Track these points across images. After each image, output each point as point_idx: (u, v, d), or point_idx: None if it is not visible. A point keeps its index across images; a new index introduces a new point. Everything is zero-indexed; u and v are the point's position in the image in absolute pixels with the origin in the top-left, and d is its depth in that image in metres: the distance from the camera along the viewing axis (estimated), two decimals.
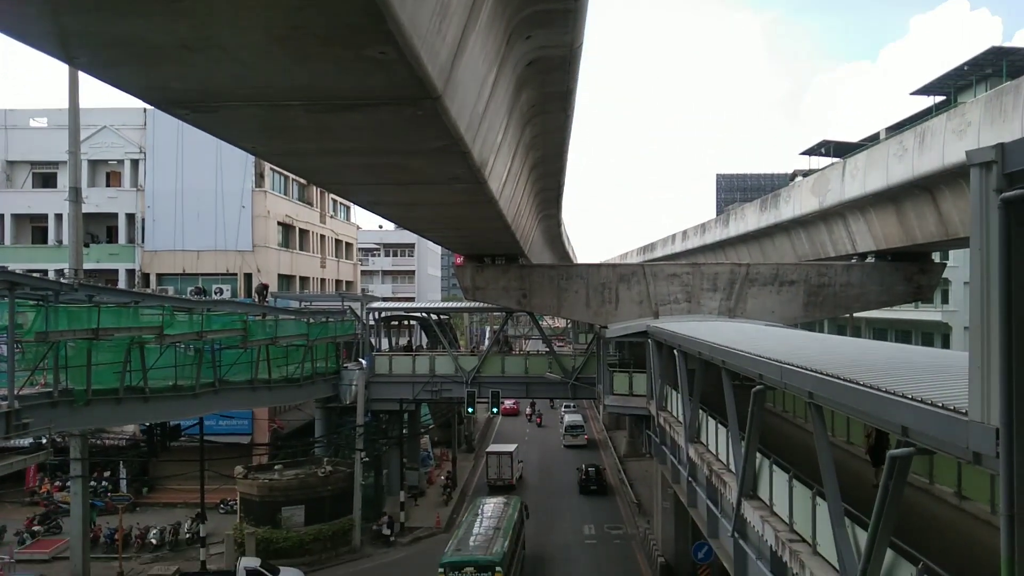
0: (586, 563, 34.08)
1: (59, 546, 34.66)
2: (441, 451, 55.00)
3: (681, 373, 23.84)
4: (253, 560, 30.58)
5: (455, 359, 41.77)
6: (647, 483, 43.13)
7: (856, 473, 17.62)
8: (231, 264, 47.40)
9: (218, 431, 40.49)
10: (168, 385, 28.79)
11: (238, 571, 29.90)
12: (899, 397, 9.32)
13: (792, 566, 13.90)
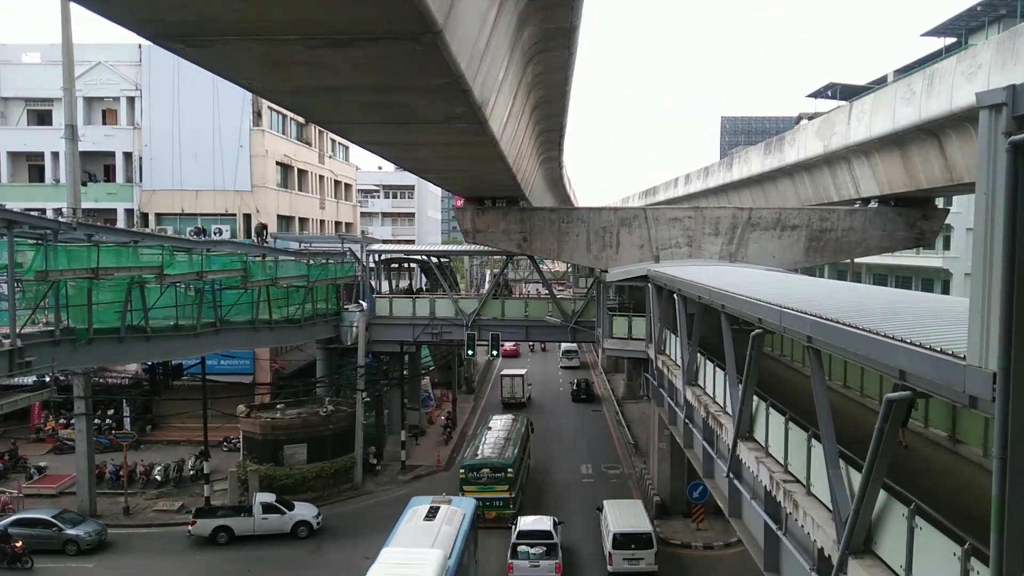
0: (583, 493, 34.76)
1: (65, 481, 35.33)
2: (441, 392, 55.64)
3: (680, 317, 23.91)
4: (268, 495, 31.35)
5: (455, 302, 41.89)
6: (644, 425, 43.77)
7: (851, 416, 17.81)
8: (230, 204, 47.11)
9: (220, 370, 40.84)
10: (169, 325, 28.95)
11: (254, 506, 30.63)
12: (897, 341, 9.34)
13: (786, 505, 14.15)
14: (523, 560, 25.49)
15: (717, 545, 29.71)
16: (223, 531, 30.00)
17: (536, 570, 25.47)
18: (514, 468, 31.36)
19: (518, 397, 53.28)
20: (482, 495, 30.06)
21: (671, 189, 63.76)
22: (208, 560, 28.27)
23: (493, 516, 30.41)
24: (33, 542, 28.69)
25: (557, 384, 63.18)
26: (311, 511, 31.38)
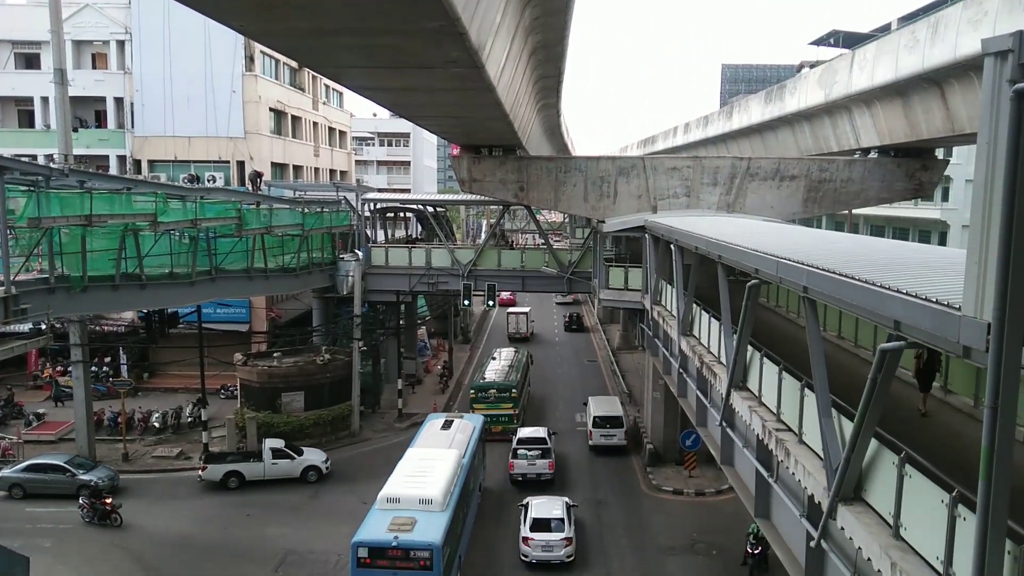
0: (578, 442, 35.24)
1: (64, 428, 35.64)
2: (438, 342, 55.88)
3: (677, 268, 23.89)
4: (277, 441, 31.79)
5: (451, 252, 41.77)
6: (639, 375, 44.14)
7: (844, 367, 17.94)
8: (223, 151, 46.59)
9: (216, 319, 40.93)
10: (164, 273, 28.88)
11: (264, 451, 31.04)
12: (893, 292, 9.33)
13: (777, 453, 14.33)
14: (522, 460, 30.40)
15: (708, 492, 30.21)
16: (234, 476, 30.49)
17: (532, 467, 30.31)
18: (517, 390, 36.87)
19: (523, 332, 59.79)
20: (489, 412, 34.98)
21: (670, 138, 63.16)
22: (212, 504, 28.71)
23: (499, 430, 34.85)
24: (47, 487, 29.11)
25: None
26: (320, 456, 31.91)
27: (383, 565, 19.61)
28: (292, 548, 25.45)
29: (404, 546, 19.56)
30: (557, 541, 23.83)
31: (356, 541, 20.00)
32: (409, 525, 20.25)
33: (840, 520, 11.37)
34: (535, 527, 24.18)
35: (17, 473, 29.32)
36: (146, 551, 25.23)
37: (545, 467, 30.29)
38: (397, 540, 19.64)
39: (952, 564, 8.62)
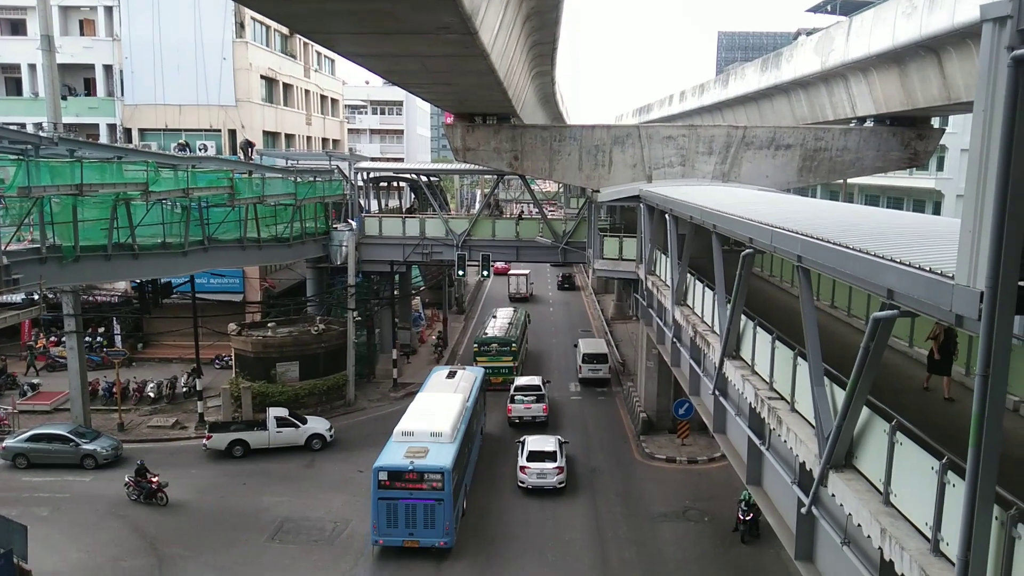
0: (572, 410, 35.48)
1: (59, 398, 35.67)
2: (432, 312, 55.93)
3: (671, 237, 23.85)
4: (281, 410, 32.05)
5: (445, 222, 41.63)
6: (632, 344, 44.33)
7: (837, 336, 18.01)
8: (214, 119, 46.13)
9: (210, 289, 40.84)
10: (157, 243, 28.75)
11: (268, 419, 31.25)
12: (887, 261, 9.32)
13: (770, 422, 14.43)
14: (519, 404, 33.90)
15: (701, 460, 30.51)
16: (239, 444, 30.70)
17: (528, 411, 33.84)
18: (516, 344, 40.26)
19: (523, 292, 64.80)
20: (491, 364, 38.46)
21: (665, 106, 62.75)
22: (209, 474, 28.85)
23: (499, 381, 37.97)
24: (51, 457, 29.22)
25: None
26: (323, 424, 32.19)
27: (401, 487, 22.47)
28: (288, 516, 25.67)
29: (419, 470, 22.53)
30: (550, 469, 27.05)
31: (377, 466, 22.74)
32: (423, 453, 23.21)
33: (831, 487, 11.49)
34: (531, 458, 27.42)
35: (21, 443, 29.40)
36: (143, 519, 25.41)
37: (540, 410, 33.95)
38: (413, 465, 22.62)
39: (941, 529, 8.73)
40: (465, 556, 23.02)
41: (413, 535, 22.57)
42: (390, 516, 22.51)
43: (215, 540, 24.15)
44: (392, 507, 22.48)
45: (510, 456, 29.74)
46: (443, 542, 22.65)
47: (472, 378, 30.95)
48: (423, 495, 22.45)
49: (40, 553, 21.85)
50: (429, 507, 22.47)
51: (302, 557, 23.15)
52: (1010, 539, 7.54)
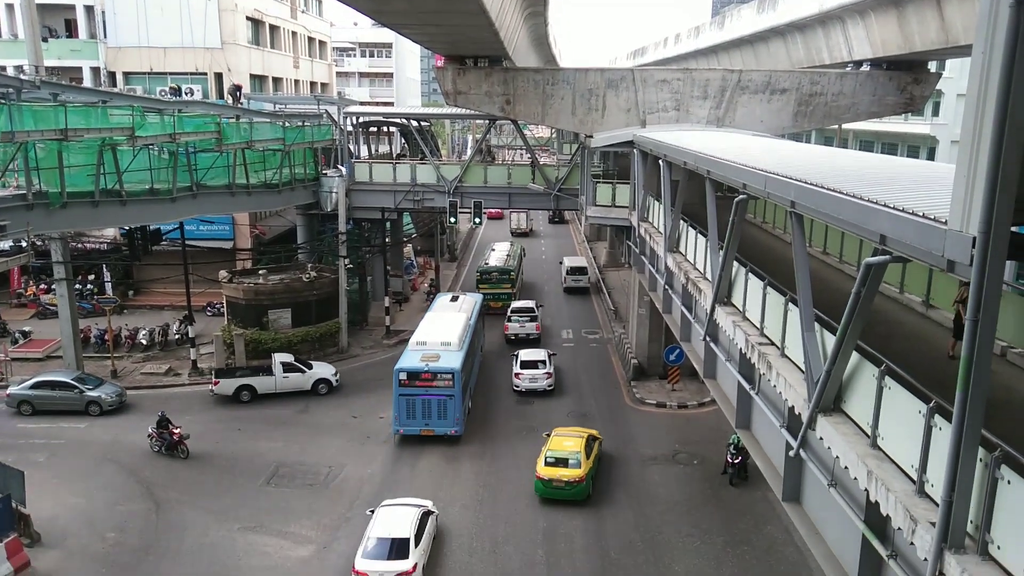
0: (564, 357, 35.77)
1: (51, 346, 35.67)
2: (424, 260, 55.82)
3: (665, 183, 23.70)
4: (286, 356, 32.33)
5: (437, 168, 41.21)
6: (624, 292, 44.46)
7: (828, 282, 18.07)
8: (200, 63, 45.16)
9: (199, 236, 40.56)
10: (144, 189, 28.39)
11: (274, 365, 31.51)
12: (880, 206, 9.27)
13: (760, 367, 14.56)
14: (515, 324, 38.64)
15: (691, 404, 30.89)
16: (246, 390, 30.98)
17: (523, 328, 38.55)
18: (514, 272, 45.20)
19: (523, 228, 72.25)
20: (492, 291, 43.01)
21: (660, 49, 61.77)
22: (203, 420, 29.01)
23: (499, 305, 42.14)
24: (56, 403, 29.36)
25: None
26: (329, 370, 32.55)
27: (418, 385, 26.71)
28: (283, 461, 25.97)
29: (432, 371, 26.85)
30: (540, 375, 31.69)
31: (398, 368, 27.14)
32: (435, 358, 27.47)
33: (819, 430, 11.65)
34: (524, 367, 32.02)
35: (25, 390, 29.49)
36: (139, 465, 25.68)
37: (532, 328, 38.65)
38: (427, 367, 26.98)
39: (926, 471, 8.88)
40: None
41: (428, 425, 26.93)
42: (409, 410, 26.86)
43: (211, 485, 24.46)
44: (411, 402, 26.80)
45: (507, 369, 33.70)
46: (454, 431, 27.02)
47: (473, 301, 35.15)
48: (436, 392, 26.71)
49: (38, 498, 22.12)
50: (441, 402, 26.77)
51: (298, 501, 23.50)
52: (993, 480, 7.67)
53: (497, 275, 44.60)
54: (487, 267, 45.36)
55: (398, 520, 19.57)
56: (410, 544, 18.76)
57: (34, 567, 19.86)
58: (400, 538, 18.86)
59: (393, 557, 18.49)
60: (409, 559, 18.46)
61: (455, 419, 26.93)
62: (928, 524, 8.38)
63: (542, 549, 20.93)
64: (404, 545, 18.71)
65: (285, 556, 20.64)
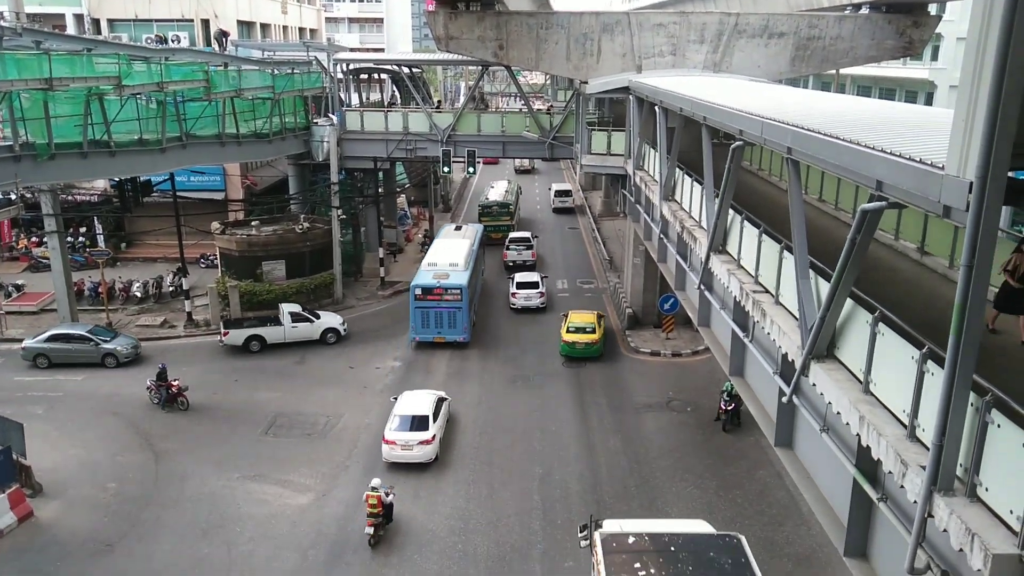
0: (560, 304, 35.91)
1: (45, 299, 35.57)
2: (418, 210, 55.48)
3: (661, 130, 23.43)
4: (294, 306, 32.66)
5: (429, 116, 40.64)
6: (620, 241, 44.37)
7: (824, 229, 18.02)
8: (186, 8, 44.16)
9: (190, 187, 40.14)
10: (133, 139, 28.01)
11: (282, 315, 31.75)
12: (877, 151, 9.18)
13: (754, 314, 14.60)
14: (513, 252, 42.96)
15: (685, 353, 31.11)
16: (255, 340, 31.20)
17: (519, 256, 42.72)
18: (513, 206, 49.89)
19: (527, 166, 76.68)
20: (492, 223, 47.34)
21: None
22: (199, 371, 29.09)
23: (499, 236, 45.82)
24: (72, 356, 29.44)
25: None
26: (337, 319, 32.90)
27: (431, 299, 30.92)
28: (281, 411, 26.19)
29: (443, 286, 30.98)
30: (534, 294, 36.25)
31: (414, 284, 31.39)
32: (445, 276, 31.65)
33: (812, 377, 11.73)
34: (520, 287, 36.52)
35: (40, 343, 29.50)
36: (138, 417, 25.86)
37: (529, 256, 43.03)
38: (439, 283, 31.08)
39: (917, 416, 8.97)
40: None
41: (440, 333, 31.50)
42: (424, 320, 31.28)
43: (209, 435, 24.68)
44: (425, 314, 31.16)
45: (504, 290, 38.43)
46: (462, 338, 31.61)
47: (475, 230, 39.64)
48: (447, 305, 31.01)
49: (38, 450, 22.32)
50: (451, 313, 31.12)
51: (296, 450, 23.77)
52: (983, 424, 7.75)
53: (497, 209, 49.04)
54: (488, 202, 49.95)
55: (418, 402, 23.61)
56: (429, 419, 22.77)
57: (37, 517, 20.16)
58: (420, 415, 22.86)
59: (415, 429, 22.50)
60: (429, 431, 22.51)
61: (463, 328, 31.43)
62: (919, 468, 8.49)
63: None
64: (424, 420, 22.71)
65: (285, 504, 20.95)
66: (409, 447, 22.25)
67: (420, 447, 22.27)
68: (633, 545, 13.36)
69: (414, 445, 22.25)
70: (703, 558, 13.07)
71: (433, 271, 32.17)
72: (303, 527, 19.86)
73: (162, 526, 19.96)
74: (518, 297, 36.28)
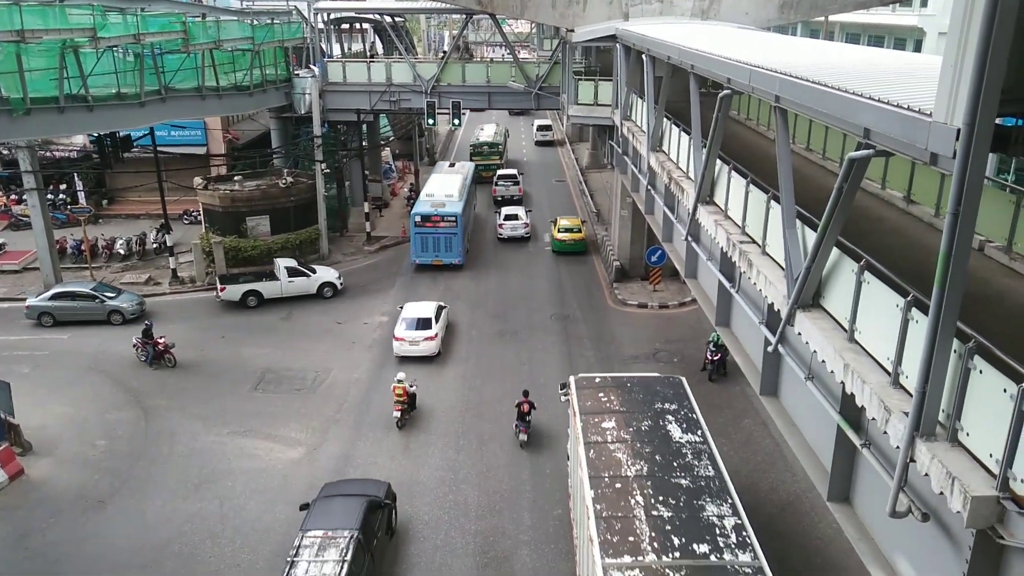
0: (547, 263, 35.91)
1: (27, 257, 35.17)
2: (403, 164, 54.92)
3: (648, 80, 23.14)
4: (289, 260, 32.60)
5: (413, 67, 39.98)
6: (607, 194, 44.17)
7: (811, 179, 17.98)
8: None
9: (171, 142, 39.54)
10: (111, 93, 27.44)
11: (278, 270, 31.69)
12: (864, 99, 9.09)
13: (740, 265, 14.62)
14: (501, 188, 46.48)
15: (671, 304, 31.25)
16: (252, 295, 31.09)
17: (507, 191, 46.37)
18: (501, 146, 53.97)
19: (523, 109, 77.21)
20: (483, 162, 50.22)
21: None
22: (185, 328, 29.01)
23: (490, 175, 48.60)
24: (78, 314, 29.23)
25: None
26: (333, 273, 32.85)
27: (429, 225, 34.43)
28: (269, 367, 26.21)
29: (440, 214, 34.38)
30: (519, 225, 39.67)
31: (414, 212, 34.94)
32: (442, 205, 35.10)
33: (798, 326, 11.81)
34: (506, 219, 39.99)
35: (44, 301, 29.25)
36: (124, 374, 25.82)
37: (516, 191, 46.55)
38: (436, 211, 34.51)
39: (901, 364, 9.05)
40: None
41: (438, 256, 35.05)
42: (423, 245, 34.83)
43: (198, 392, 24.72)
44: (424, 239, 34.70)
45: (493, 223, 41.60)
46: (457, 260, 35.17)
47: (468, 167, 43.16)
48: (443, 231, 34.51)
49: (25, 409, 22.28)
50: (447, 238, 34.60)
51: (286, 406, 23.86)
52: (966, 371, 7.83)
53: (487, 148, 52.58)
54: (479, 142, 53.61)
55: (422, 308, 27.70)
56: (432, 321, 26.73)
57: (28, 475, 20.24)
58: (424, 317, 26.83)
59: (420, 329, 26.42)
60: (432, 329, 26.51)
61: (458, 251, 35.04)
62: (901, 414, 8.60)
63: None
64: (427, 322, 26.68)
65: (276, 458, 21.11)
66: (416, 343, 26.22)
67: (425, 343, 26.31)
68: (598, 383, 17.53)
69: (420, 341, 26.24)
70: (651, 390, 17.09)
71: (431, 201, 35.47)
72: (294, 481, 20.03)
73: (153, 482, 20.09)
74: (505, 228, 39.66)
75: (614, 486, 13.58)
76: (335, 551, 14.85)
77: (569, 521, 17.77)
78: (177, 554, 17.44)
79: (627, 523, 12.60)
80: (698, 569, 11.55)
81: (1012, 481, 7.25)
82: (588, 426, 15.53)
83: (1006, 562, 8.26)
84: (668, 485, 13.59)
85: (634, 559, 11.76)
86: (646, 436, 15.14)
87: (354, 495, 16.72)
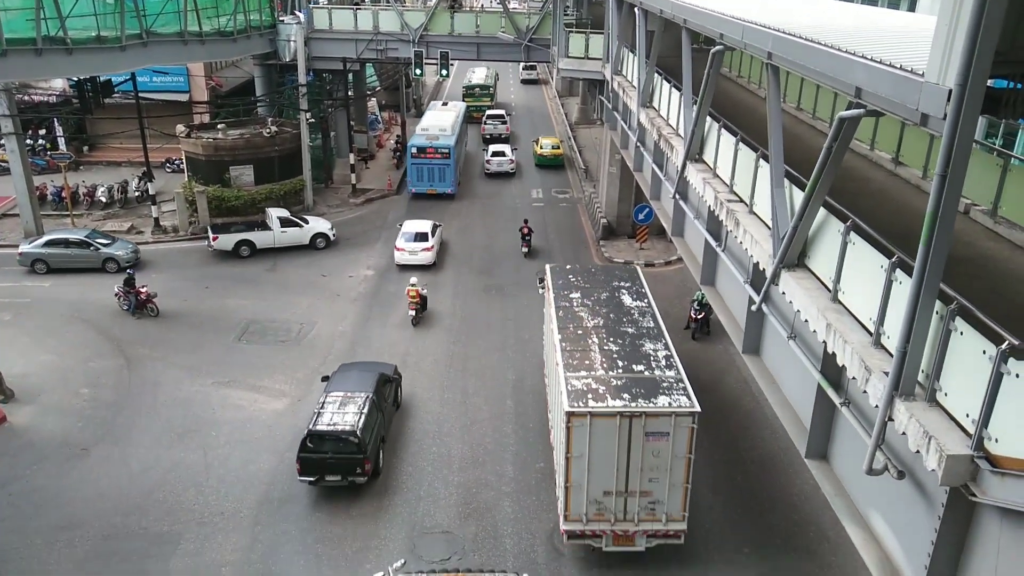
0: (535, 214, 35.80)
1: (6, 203, 34.63)
2: (389, 115, 54.21)
3: (640, 34, 22.82)
4: (282, 211, 32.49)
5: (400, 15, 39.20)
6: (596, 151, 43.91)
7: (801, 138, 17.91)
8: None
9: (153, 88, 38.74)
10: (91, 36, 26.65)
11: (271, 220, 31.57)
12: (857, 57, 9.00)
13: (727, 224, 14.62)
14: (489, 126, 49.38)
15: (658, 263, 31.32)
16: (245, 245, 31.00)
17: (495, 130, 49.35)
18: (492, 88, 58.50)
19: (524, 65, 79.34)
20: (475, 104, 53.76)
21: None
22: (167, 278, 28.83)
23: (480, 116, 51.12)
24: (72, 261, 28.94)
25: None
26: (326, 224, 32.81)
27: (424, 157, 37.35)
28: (253, 318, 26.14)
29: (435, 146, 37.30)
30: (505, 160, 42.87)
31: (411, 144, 38.04)
32: (436, 138, 37.76)
33: (782, 285, 11.86)
34: (494, 155, 43.09)
35: (38, 248, 28.88)
36: (107, 323, 25.67)
37: (504, 130, 49.66)
38: (431, 143, 37.37)
39: (883, 324, 9.13)
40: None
41: (432, 185, 38.08)
42: (419, 174, 37.81)
43: (181, 342, 24.64)
44: (420, 169, 37.64)
45: (481, 160, 44.50)
46: (450, 190, 38.30)
47: (460, 106, 45.95)
48: (438, 162, 37.38)
49: (7, 356, 22.19)
50: (441, 168, 37.52)
51: (270, 357, 23.85)
52: (947, 332, 7.91)
53: (479, 90, 56.17)
54: (471, 83, 57.16)
55: (419, 224, 31.18)
56: (428, 234, 30.60)
57: (10, 422, 20.21)
58: (421, 231, 30.70)
59: (418, 241, 30.25)
60: (428, 242, 30.33)
61: (452, 182, 37.94)
62: (881, 374, 8.71)
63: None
64: (424, 235, 30.55)
65: (260, 409, 21.17)
66: (415, 253, 29.98)
67: (423, 253, 30.10)
68: (568, 269, 21.63)
69: (418, 251, 30.02)
70: (610, 273, 21.21)
71: (426, 134, 37.84)
72: (279, 431, 20.13)
73: (137, 430, 20.13)
74: (492, 163, 42.77)
75: (576, 332, 17.43)
76: (354, 406, 18.11)
77: (552, 473, 18.03)
78: (161, 502, 17.55)
79: (584, 354, 16.41)
80: (633, 379, 15.35)
81: (987, 440, 7.39)
82: (559, 296, 19.34)
83: (977, 519, 8.46)
84: (617, 331, 17.47)
85: (588, 373, 15.60)
86: (604, 303, 19.01)
87: (368, 370, 20.09)
